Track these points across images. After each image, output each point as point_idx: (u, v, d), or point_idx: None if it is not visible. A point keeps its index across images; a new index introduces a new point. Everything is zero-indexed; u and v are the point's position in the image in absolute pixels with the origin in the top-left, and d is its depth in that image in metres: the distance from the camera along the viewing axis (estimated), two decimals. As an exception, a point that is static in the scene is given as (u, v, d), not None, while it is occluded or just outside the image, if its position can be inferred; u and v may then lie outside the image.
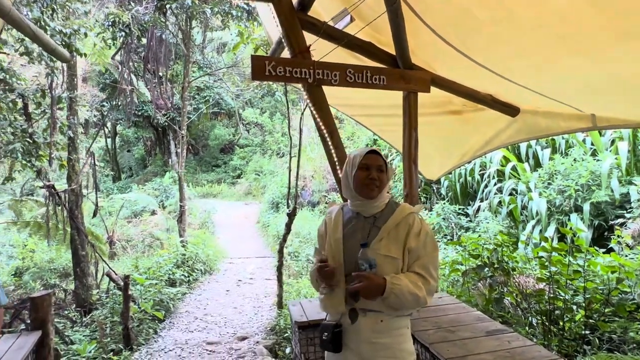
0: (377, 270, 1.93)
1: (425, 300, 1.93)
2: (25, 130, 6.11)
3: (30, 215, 8.21)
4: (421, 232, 2.00)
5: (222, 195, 19.60)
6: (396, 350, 1.97)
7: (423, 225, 2.02)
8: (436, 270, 2.01)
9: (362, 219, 2.06)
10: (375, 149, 2.03)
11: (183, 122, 9.33)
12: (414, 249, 1.97)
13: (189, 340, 5.13)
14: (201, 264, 8.53)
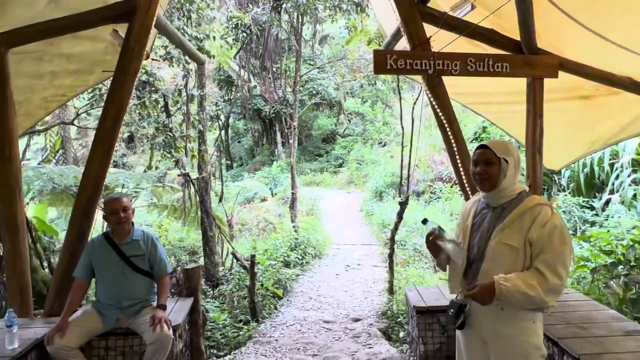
0: (496, 260, 1.99)
1: (542, 299, 1.89)
2: (166, 125, 7.02)
3: (167, 199, 9.40)
4: (547, 224, 1.94)
5: (324, 184, 20.24)
6: (519, 342, 1.99)
7: (552, 217, 1.95)
8: (564, 267, 1.92)
9: (491, 209, 2.12)
10: (485, 144, 2.07)
11: (295, 114, 9.88)
12: (536, 240, 1.94)
13: (307, 318, 5.53)
14: (312, 248, 9.04)
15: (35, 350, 2.99)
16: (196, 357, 3.82)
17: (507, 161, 2.02)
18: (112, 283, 3.01)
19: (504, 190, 2.05)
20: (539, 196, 2.07)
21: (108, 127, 3.43)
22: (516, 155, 2.05)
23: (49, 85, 4.30)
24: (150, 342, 2.91)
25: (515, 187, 2.07)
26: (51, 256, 5.73)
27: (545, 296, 1.89)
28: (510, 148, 2.05)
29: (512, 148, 2.06)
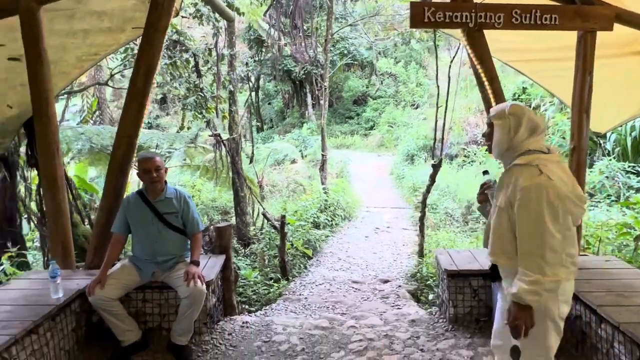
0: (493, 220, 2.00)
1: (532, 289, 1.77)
2: (197, 85, 7.01)
3: (199, 159, 9.57)
4: (517, 188, 1.84)
5: (354, 147, 20.06)
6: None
7: (523, 180, 1.83)
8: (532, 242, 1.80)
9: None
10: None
11: (325, 74, 9.68)
12: (514, 204, 1.87)
13: (336, 278, 5.61)
14: (341, 210, 9.07)
15: (77, 300, 3.14)
16: (229, 312, 3.94)
17: (493, 124, 2.00)
18: (147, 239, 3.10)
19: (496, 153, 2.03)
20: (533, 156, 1.88)
21: (139, 85, 3.42)
22: (515, 116, 1.93)
23: (81, 43, 4.31)
24: (184, 296, 3.00)
25: (516, 148, 1.94)
26: (91, 213, 5.97)
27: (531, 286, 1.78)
28: (505, 109, 1.97)
29: (510, 109, 1.95)
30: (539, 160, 1.86)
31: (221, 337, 3.43)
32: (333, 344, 3.35)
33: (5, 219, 4.92)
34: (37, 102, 3.31)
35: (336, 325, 3.71)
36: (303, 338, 3.44)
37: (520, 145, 1.93)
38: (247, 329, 3.61)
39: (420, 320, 3.80)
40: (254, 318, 3.93)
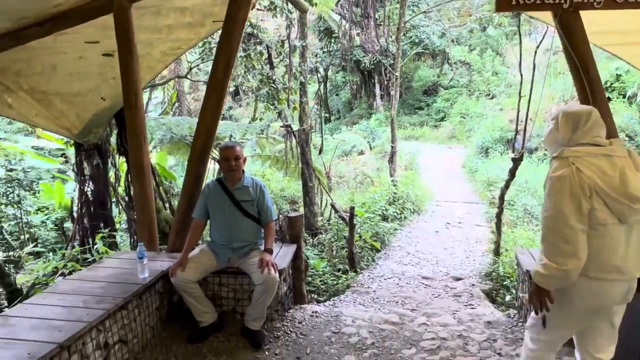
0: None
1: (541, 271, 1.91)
2: (269, 77, 7.15)
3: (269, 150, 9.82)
4: (547, 178, 1.98)
5: (424, 139, 19.49)
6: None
7: (551, 171, 1.95)
8: (548, 230, 1.90)
9: None
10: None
11: (397, 64, 9.45)
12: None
13: (405, 272, 5.49)
14: (410, 203, 8.86)
15: (161, 280, 3.35)
16: (299, 301, 4.00)
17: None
18: (224, 225, 3.21)
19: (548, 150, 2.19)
20: (570, 149, 1.94)
21: (219, 77, 3.54)
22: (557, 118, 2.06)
23: (166, 38, 4.55)
24: (258, 283, 3.08)
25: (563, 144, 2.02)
26: (171, 199, 6.35)
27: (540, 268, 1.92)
28: (555, 112, 2.12)
29: (557, 111, 2.09)
30: (573, 152, 1.91)
31: (292, 325, 3.49)
32: (404, 340, 3.27)
33: (99, 203, 5.37)
34: (128, 94, 3.53)
35: (407, 321, 3.62)
36: (373, 332, 3.40)
37: (567, 142, 2.00)
38: (317, 319, 3.63)
39: (497, 323, 3.60)
40: (323, 308, 3.95)
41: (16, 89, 4.18)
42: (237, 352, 3.10)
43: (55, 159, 11.35)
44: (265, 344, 3.18)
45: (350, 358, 3.04)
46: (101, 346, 2.70)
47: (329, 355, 3.10)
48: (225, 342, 3.22)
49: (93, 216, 5.33)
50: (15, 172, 8.52)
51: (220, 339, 3.25)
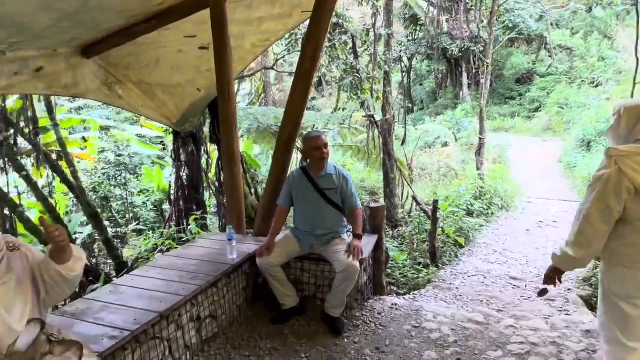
0: None
1: (557, 254, 2.19)
2: (353, 66, 7.13)
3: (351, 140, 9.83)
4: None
5: (515, 130, 18.22)
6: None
7: (596, 168, 2.02)
8: (576, 219, 2.06)
9: None
10: None
11: (489, 50, 8.91)
12: None
13: (491, 271, 5.21)
14: (499, 199, 8.37)
15: (248, 262, 3.52)
16: (378, 292, 3.98)
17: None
18: (308, 212, 3.27)
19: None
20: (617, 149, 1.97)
21: (306, 67, 3.59)
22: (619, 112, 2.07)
23: (256, 30, 4.72)
24: (339, 271, 3.11)
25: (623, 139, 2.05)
26: (257, 186, 6.64)
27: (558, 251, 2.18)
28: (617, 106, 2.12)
29: (619, 105, 2.09)
30: (618, 152, 1.93)
31: (371, 315, 3.48)
32: (489, 342, 3.11)
33: (192, 187, 5.78)
34: (221, 84, 3.72)
35: (492, 322, 3.44)
36: (455, 330, 3.28)
37: (627, 137, 2.02)
38: (397, 311, 3.59)
39: (597, 332, 3.27)
40: (403, 301, 3.89)
41: (126, 82, 4.61)
42: (317, 337, 3.17)
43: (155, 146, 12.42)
44: (344, 332, 3.21)
45: (431, 354, 2.97)
46: (194, 319, 2.92)
47: (409, 349, 3.05)
48: (306, 326, 3.31)
49: (187, 199, 5.75)
50: (123, 157, 9.46)
51: (302, 323, 3.35)
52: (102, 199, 8.66)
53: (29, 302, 1.63)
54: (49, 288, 1.68)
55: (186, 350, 2.83)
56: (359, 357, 2.94)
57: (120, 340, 2.25)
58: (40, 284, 1.68)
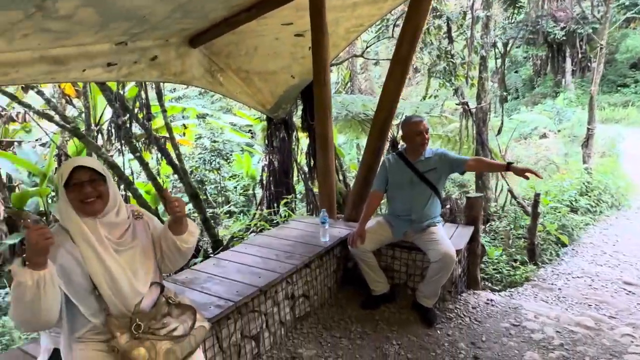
0: None
1: None
2: (447, 51, 6.82)
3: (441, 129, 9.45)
4: None
5: (627, 121, 16.23)
6: None
7: None
8: None
9: None
10: None
11: (604, 31, 7.99)
12: None
13: (599, 274, 4.73)
14: (609, 196, 7.54)
15: (339, 246, 3.55)
16: (472, 285, 3.80)
17: None
18: (403, 199, 3.20)
19: None
20: None
21: (404, 52, 3.50)
22: None
23: (350, 16, 4.69)
24: (434, 260, 3.01)
25: None
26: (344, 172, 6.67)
27: None
28: None
29: None
30: None
31: (465, 309, 3.34)
32: (602, 349, 2.82)
33: (283, 172, 5.97)
34: (317, 70, 3.76)
35: (605, 329, 3.12)
36: (561, 332, 3.02)
37: None
38: (493, 307, 3.40)
39: None
40: (499, 298, 3.67)
41: (226, 69, 4.86)
42: (408, 325, 3.11)
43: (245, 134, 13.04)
44: (436, 323, 3.12)
45: (534, 355, 2.77)
46: (289, 296, 3.01)
47: (508, 347, 2.88)
48: (396, 314, 3.26)
49: (278, 183, 5.96)
50: (217, 144, 10.05)
51: (392, 310, 3.31)
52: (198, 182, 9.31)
53: (151, 266, 1.78)
54: (165, 256, 1.82)
55: (281, 325, 2.94)
56: (452, 350, 2.84)
57: (225, 310, 2.39)
58: (158, 252, 1.82)
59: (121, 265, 1.64)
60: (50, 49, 3.09)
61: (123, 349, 1.54)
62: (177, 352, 1.61)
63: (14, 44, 2.74)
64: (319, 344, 2.91)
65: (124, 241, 1.70)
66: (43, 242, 1.41)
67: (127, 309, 1.63)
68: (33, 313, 1.44)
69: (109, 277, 1.60)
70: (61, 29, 2.83)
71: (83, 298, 1.60)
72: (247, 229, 5.58)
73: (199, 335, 1.73)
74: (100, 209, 1.64)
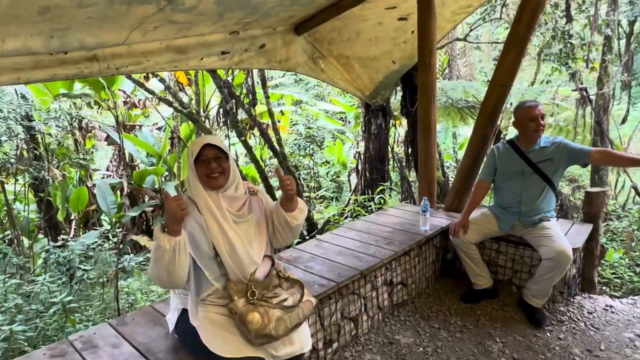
0: None
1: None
2: (565, 31, 6.18)
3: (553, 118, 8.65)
4: None
5: None
6: None
7: None
8: None
9: None
10: None
11: None
12: None
13: None
14: None
15: (438, 236, 3.46)
16: (586, 288, 3.47)
17: None
18: (514, 189, 2.99)
19: None
20: None
21: (520, 31, 3.23)
22: None
23: (459, -4, 4.47)
24: (546, 257, 2.79)
25: None
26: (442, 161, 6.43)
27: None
28: None
29: None
30: None
31: (579, 313, 3.06)
32: None
33: (379, 159, 5.93)
34: (423, 52, 3.64)
35: None
36: (701, 351, 2.64)
37: None
38: (613, 315, 3.08)
39: None
40: (620, 305, 3.30)
41: (328, 55, 4.92)
42: (513, 324, 2.94)
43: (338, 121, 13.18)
44: (545, 324, 2.91)
45: (665, 372, 2.46)
46: (387, 282, 3.01)
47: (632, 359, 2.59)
48: (500, 311, 3.10)
49: (373, 170, 5.94)
50: (311, 130, 10.28)
51: (494, 306, 3.16)
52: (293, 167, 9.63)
53: (264, 240, 1.90)
54: (277, 231, 1.93)
55: (378, 310, 2.96)
56: (565, 355, 2.63)
57: (328, 289, 2.46)
58: (270, 227, 1.94)
59: (239, 235, 1.78)
60: (175, 39, 3.38)
61: (240, 312, 1.68)
62: (287, 321, 1.71)
63: (147, 36, 3.04)
64: (417, 333, 2.87)
65: (242, 214, 1.84)
66: (180, 212, 1.56)
67: (244, 276, 1.76)
68: (168, 273, 1.62)
69: (229, 246, 1.75)
70: (185, 20, 3.07)
71: (207, 263, 1.76)
72: (340, 214, 5.66)
73: (306, 309, 1.80)
74: (223, 183, 1.79)
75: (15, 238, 6.04)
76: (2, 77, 2.40)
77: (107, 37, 2.71)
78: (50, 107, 6.50)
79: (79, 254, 4.61)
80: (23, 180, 6.72)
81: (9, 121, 5.25)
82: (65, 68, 2.62)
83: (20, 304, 3.75)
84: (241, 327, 1.69)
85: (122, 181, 7.85)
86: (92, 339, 2.00)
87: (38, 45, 2.40)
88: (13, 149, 5.95)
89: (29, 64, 2.44)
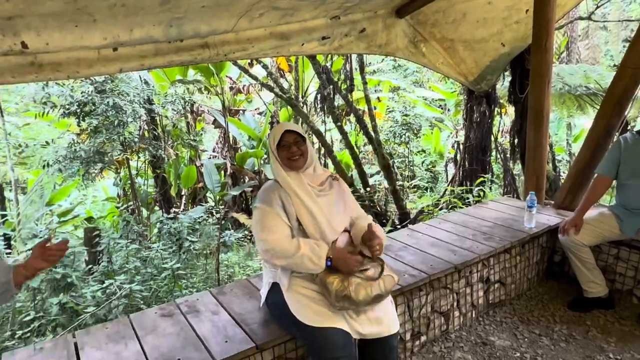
0: None
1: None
2: None
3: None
4: None
5: None
6: None
7: None
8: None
9: None
10: None
11: None
12: None
13: None
14: None
15: (545, 235, 3.16)
16: None
17: None
18: (642, 189, 2.61)
19: None
20: None
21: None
22: None
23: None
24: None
25: None
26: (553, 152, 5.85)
27: None
28: None
29: None
30: None
31: None
32: None
33: (480, 149, 5.57)
34: (538, 33, 3.31)
35: None
36: None
37: None
38: None
39: None
40: None
41: (430, 39, 4.70)
42: (631, 340, 2.60)
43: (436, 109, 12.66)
44: (674, 346, 2.52)
45: None
46: (483, 280, 2.84)
47: None
48: (615, 324, 2.76)
49: (473, 161, 5.60)
50: (408, 117, 10.01)
51: (609, 318, 2.81)
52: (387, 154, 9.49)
53: (345, 213, 2.05)
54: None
55: (472, 308, 2.81)
56: (698, 384, 2.26)
57: (419, 280, 2.39)
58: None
59: (321, 207, 1.93)
60: (278, 25, 3.48)
61: (320, 275, 1.82)
62: (367, 289, 1.78)
63: (253, 23, 3.17)
64: (514, 337, 2.68)
65: (323, 189, 2.01)
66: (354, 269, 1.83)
67: (326, 243, 1.89)
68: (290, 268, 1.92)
69: (311, 217, 1.91)
70: (288, 6, 3.14)
71: (295, 235, 1.92)
72: (435, 205, 5.45)
73: (387, 283, 1.85)
74: (302, 164, 1.95)
75: (137, 208, 6.82)
76: (129, 64, 2.69)
77: (218, 25, 2.88)
78: (168, 92, 7.16)
79: (187, 226, 5.07)
80: (144, 157, 7.53)
81: (134, 104, 5.90)
82: (180, 55, 2.85)
83: (139, 267, 4.25)
84: (324, 292, 1.81)
85: (226, 162, 8.42)
86: (195, 304, 2.19)
87: (159, 34, 2.63)
88: (136, 130, 6.69)
89: (151, 52, 2.70)
